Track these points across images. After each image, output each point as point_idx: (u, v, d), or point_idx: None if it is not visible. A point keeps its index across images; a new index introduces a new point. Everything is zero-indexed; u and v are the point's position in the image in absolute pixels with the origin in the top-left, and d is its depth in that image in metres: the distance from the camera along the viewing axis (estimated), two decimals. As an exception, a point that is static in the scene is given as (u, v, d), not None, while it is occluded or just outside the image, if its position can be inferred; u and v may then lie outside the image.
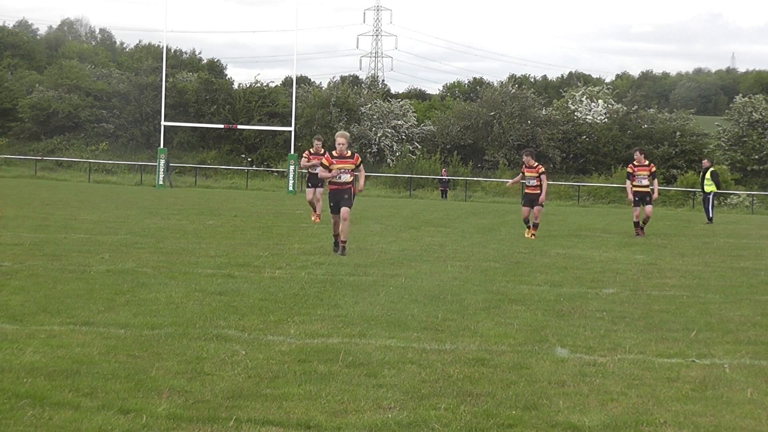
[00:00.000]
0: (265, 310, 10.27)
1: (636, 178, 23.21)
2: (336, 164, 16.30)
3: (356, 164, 16.50)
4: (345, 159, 16.39)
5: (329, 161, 16.35)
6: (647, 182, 23.15)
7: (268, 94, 69.57)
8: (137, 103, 67.78)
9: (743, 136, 65.44)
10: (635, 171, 23.27)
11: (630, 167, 23.48)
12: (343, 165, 16.33)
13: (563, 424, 6.33)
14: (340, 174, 16.27)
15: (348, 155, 16.45)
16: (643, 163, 23.30)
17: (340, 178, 16.29)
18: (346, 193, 16.38)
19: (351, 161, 16.46)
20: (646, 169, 23.24)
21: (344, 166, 16.33)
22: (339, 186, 16.40)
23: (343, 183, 16.36)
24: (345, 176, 16.33)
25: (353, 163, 16.47)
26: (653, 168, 23.45)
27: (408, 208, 36.23)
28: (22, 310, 9.72)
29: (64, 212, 24.72)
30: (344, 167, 16.32)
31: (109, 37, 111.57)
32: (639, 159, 23.35)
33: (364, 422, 6.21)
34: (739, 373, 8.01)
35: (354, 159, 16.51)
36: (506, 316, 10.48)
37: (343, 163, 16.36)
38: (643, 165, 23.26)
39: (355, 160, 16.52)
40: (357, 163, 16.53)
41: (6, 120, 67.71)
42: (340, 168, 16.29)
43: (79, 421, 6.02)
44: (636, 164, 23.35)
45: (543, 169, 21.51)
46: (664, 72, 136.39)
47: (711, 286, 13.85)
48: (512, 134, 65.19)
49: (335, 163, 16.32)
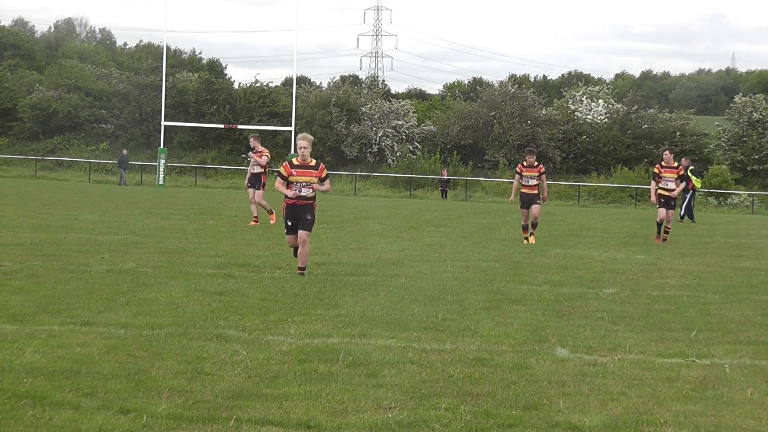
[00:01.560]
0: (265, 310, 10.27)
1: (662, 180, 21.54)
2: (296, 176, 13.23)
3: (321, 177, 13.35)
4: (308, 170, 13.27)
5: (288, 171, 13.26)
6: (673, 185, 21.46)
7: (268, 94, 69.53)
8: (137, 103, 67.75)
9: (743, 136, 65.40)
10: (662, 172, 21.57)
11: (657, 168, 21.80)
12: (305, 178, 13.24)
13: (563, 424, 6.33)
14: (301, 188, 13.24)
15: (312, 164, 13.32)
16: (671, 164, 21.55)
17: (300, 192, 13.26)
18: (308, 212, 13.30)
19: (314, 173, 13.29)
20: (673, 171, 21.51)
21: (307, 180, 13.24)
22: (299, 201, 13.31)
23: (304, 198, 13.32)
24: (306, 190, 13.26)
25: (317, 176, 13.31)
26: (681, 170, 21.76)
27: (408, 208, 36.24)
28: (22, 310, 9.72)
29: (64, 212, 24.73)
30: (307, 181, 13.25)
31: (109, 37, 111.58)
32: (668, 160, 21.56)
33: (364, 422, 6.21)
34: (739, 373, 8.01)
35: (319, 171, 13.32)
36: (506, 316, 10.49)
37: (306, 174, 13.24)
38: (671, 167, 21.53)
39: (320, 171, 13.33)
40: (322, 176, 13.35)
41: (6, 120, 67.67)
42: (301, 182, 13.24)
43: (79, 421, 6.02)
44: (664, 165, 21.61)
45: (544, 169, 20.97)
46: (665, 72, 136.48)
47: (711, 286, 13.85)
48: (512, 134, 65.17)
49: (295, 174, 13.24)
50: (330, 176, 13.84)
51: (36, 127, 66.98)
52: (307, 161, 13.29)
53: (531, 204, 20.50)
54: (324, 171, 13.40)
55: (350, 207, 35.32)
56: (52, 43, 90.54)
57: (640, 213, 42.16)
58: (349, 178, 59.93)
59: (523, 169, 20.74)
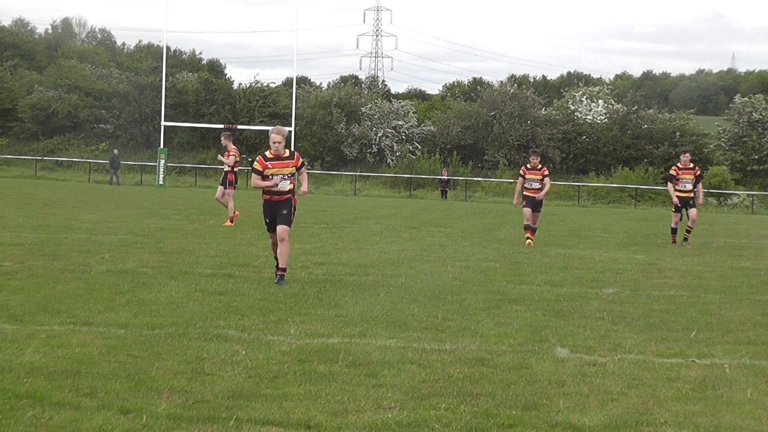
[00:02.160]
0: (265, 310, 10.28)
1: (680, 181, 21.16)
2: (271, 168, 12.78)
3: (297, 166, 12.94)
4: (283, 161, 12.83)
5: (262, 165, 12.80)
6: (691, 186, 21.15)
7: (268, 94, 69.57)
8: (137, 104, 67.77)
9: (743, 136, 65.42)
10: (679, 174, 21.17)
11: (674, 170, 21.34)
12: (281, 169, 12.82)
13: (563, 424, 6.33)
14: (278, 182, 12.80)
15: (286, 155, 12.87)
16: (688, 165, 21.16)
17: (278, 187, 12.81)
18: (285, 207, 12.85)
19: (290, 163, 12.87)
20: (690, 172, 21.14)
21: (283, 171, 12.83)
22: (275, 197, 12.88)
23: (280, 193, 12.84)
24: (284, 184, 12.83)
25: (293, 165, 12.89)
26: (698, 171, 21.39)
27: (408, 208, 36.24)
28: (22, 310, 9.72)
29: (64, 212, 24.73)
30: (283, 172, 12.83)
31: (109, 37, 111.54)
32: (685, 162, 21.11)
33: (364, 422, 6.21)
34: (739, 373, 8.01)
35: (294, 160, 12.91)
36: (506, 316, 10.49)
37: (281, 166, 12.82)
38: (688, 168, 21.14)
39: (295, 161, 12.92)
40: (298, 164, 12.95)
41: (6, 120, 67.69)
42: (277, 174, 12.80)
43: (79, 421, 6.02)
44: (680, 167, 21.18)
45: (548, 172, 20.39)
46: (665, 72, 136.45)
47: (711, 286, 13.85)
48: (512, 134, 65.20)
49: (270, 167, 12.78)
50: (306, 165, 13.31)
51: (36, 127, 66.98)
52: (281, 153, 12.82)
53: (535, 208, 19.99)
54: (300, 159, 12.98)
55: (350, 207, 35.32)
56: (51, 44, 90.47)
57: (640, 213, 42.16)
58: (349, 179, 59.95)
59: (527, 171, 20.12)
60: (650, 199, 55.97)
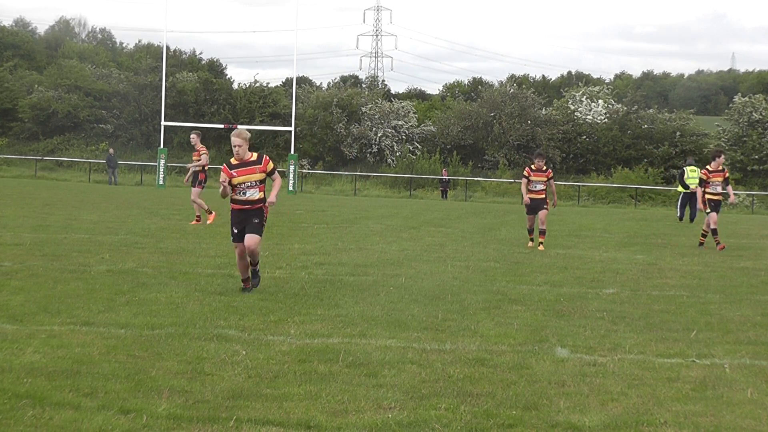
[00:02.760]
0: (266, 310, 10.28)
1: (710, 185, 20.77)
2: (237, 176, 11.56)
3: (266, 172, 11.67)
4: (249, 167, 11.58)
5: (227, 174, 11.59)
6: (720, 189, 20.83)
7: (268, 94, 69.57)
8: (137, 103, 67.77)
9: (743, 136, 65.39)
10: (710, 177, 20.77)
11: (704, 173, 20.86)
12: (248, 176, 11.56)
13: (563, 424, 6.33)
14: (245, 190, 11.58)
15: (252, 159, 11.62)
16: (718, 168, 20.88)
17: (245, 195, 11.61)
18: (255, 216, 11.67)
19: (258, 168, 11.60)
20: (720, 175, 20.87)
21: (251, 178, 11.56)
22: (244, 205, 11.67)
23: (249, 202, 11.66)
24: (252, 192, 11.60)
25: (262, 171, 11.63)
26: (726, 173, 21.13)
27: (408, 208, 36.24)
28: (22, 310, 9.72)
29: (64, 212, 24.73)
30: (251, 179, 11.57)
31: (109, 37, 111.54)
32: (717, 165, 20.88)
33: (364, 422, 6.21)
34: (739, 373, 8.01)
35: (262, 165, 11.62)
36: (506, 316, 10.49)
37: (248, 172, 11.56)
38: (718, 171, 20.83)
39: (263, 165, 11.62)
40: (267, 169, 11.66)
41: (6, 120, 67.68)
42: (244, 182, 11.57)
43: (79, 421, 6.02)
44: (711, 170, 20.79)
45: (552, 174, 19.93)
46: (665, 72, 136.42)
47: (711, 286, 13.85)
48: (512, 134, 65.20)
49: (236, 175, 11.57)
50: (277, 170, 11.92)
51: (36, 127, 66.98)
52: (247, 158, 11.60)
53: (538, 210, 19.57)
54: (269, 164, 11.67)
55: (350, 207, 35.32)
56: (51, 44, 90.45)
57: (640, 213, 42.16)
58: (349, 178, 59.95)
59: (531, 173, 19.66)
60: (650, 199, 55.98)
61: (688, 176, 31.52)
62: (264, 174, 11.66)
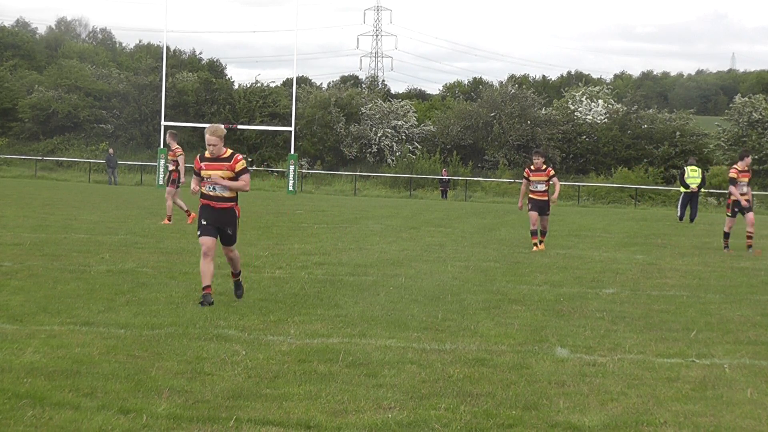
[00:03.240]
0: (265, 310, 10.28)
1: (738, 185, 20.26)
2: (206, 170, 10.97)
3: (234, 171, 10.95)
4: (220, 162, 10.95)
5: (197, 165, 11.08)
6: (746, 189, 20.43)
7: (268, 94, 69.57)
8: (137, 104, 67.76)
9: (743, 136, 65.37)
10: (740, 177, 20.27)
11: (733, 172, 20.33)
12: (216, 172, 10.91)
13: (563, 424, 6.34)
14: (214, 186, 10.94)
15: (224, 156, 10.99)
16: (746, 168, 20.38)
17: (214, 190, 10.98)
18: (228, 222, 11.08)
19: (227, 165, 10.92)
20: (747, 175, 20.42)
21: (219, 174, 10.90)
22: (212, 201, 11.02)
23: (219, 199, 10.99)
24: (221, 189, 10.96)
25: (230, 169, 10.92)
26: (750, 174, 20.64)
27: (408, 208, 36.24)
28: (22, 310, 9.72)
29: (64, 212, 24.72)
30: (219, 175, 10.90)
31: (109, 37, 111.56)
32: (745, 164, 20.37)
33: (364, 422, 6.21)
34: (739, 373, 8.02)
35: (233, 162, 10.93)
36: (506, 316, 10.49)
37: (216, 167, 10.92)
38: (745, 171, 20.35)
39: (233, 163, 10.93)
40: (236, 168, 10.94)
41: (6, 120, 67.67)
42: (212, 176, 10.93)
43: (79, 421, 6.02)
44: (740, 169, 20.27)
45: (553, 172, 19.18)
46: (665, 72, 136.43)
47: (711, 286, 13.85)
48: (512, 134, 65.20)
49: (205, 168, 10.99)
50: (249, 172, 11.14)
51: (36, 127, 66.97)
52: (220, 154, 10.99)
53: (542, 211, 18.88)
54: (240, 163, 10.97)
55: (350, 207, 35.32)
56: (52, 44, 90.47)
57: (640, 213, 42.16)
58: (349, 178, 59.94)
59: (531, 173, 19.00)
60: (650, 199, 55.97)
61: (688, 176, 31.43)
62: (232, 173, 10.91)
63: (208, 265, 10.87)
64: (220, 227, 11.04)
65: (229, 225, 11.09)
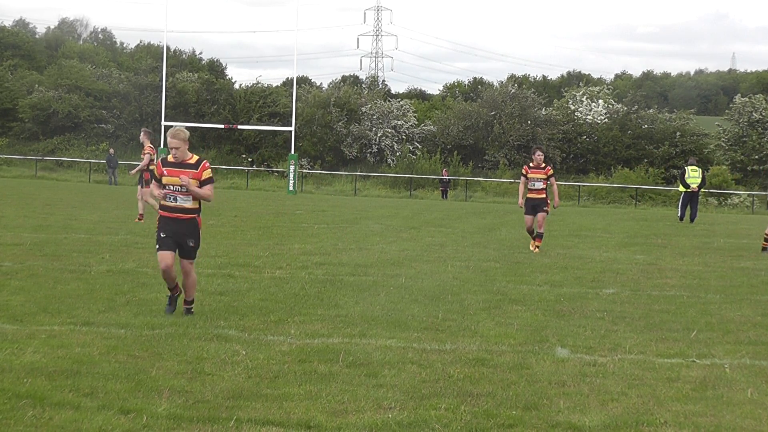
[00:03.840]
0: (266, 310, 10.28)
1: None
2: (168, 175, 9.95)
3: (200, 179, 9.95)
4: (184, 169, 9.94)
5: (158, 170, 10.07)
6: None
7: (268, 94, 69.57)
8: (137, 104, 67.78)
9: (743, 136, 65.39)
10: None
11: None
12: (177, 178, 9.91)
13: (563, 424, 6.33)
14: (175, 194, 9.95)
15: (189, 162, 9.99)
16: None
17: (175, 201, 9.97)
18: (190, 235, 10.14)
19: (192, 173, 9.94)
20: None
21: (180, 181, 9.90)
22: (173, 213, 10.03)
23: (180, 210, 10.01)
24: (183, 198, 9.96)
25: (195, 177, 9.93)
26: None
27: (408, 208, 36.24)
28: (23, 310, 9.73)
29: (64, 212, 24.72)
30: (176, 183, 9.93)
31: (109, 37, 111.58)
32: None
33: (365, 422, 6.21)
34: (739, 373, 8.01)
35: (199, 170, 9.95)
36: (506, 316, 10.49)
37: (178, 173, 9.92)
38: None
39: (199, 172, 9.94)
40: (202, 177, 9.95)
41: (6, 120, 67.68)
42: (172, 185, 9.94)
43: (79, 421, 6.02)
44: None
45: (552, 171, 18.70)
46: (665, 72, 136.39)
47: (711, 286, 13.85)
48: (512, 134, 65.20)
49: (167, 173, 9.96)
50: (213, 182, 10.15)
51: (36, 127, 66.98)
52: (185, 159, 10.00)
53: (537, 211, 18.40)
54: (207, 171, 10.00)
55: (350, 207, 35.32)
56: (52, 44, 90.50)
57: (641, 213, 42.15)
58: (349, 178, 59.95)
59: (529, 171, 18.52)
60: (650, 199, 55.97)
61: (689, 176, 31.39)
62: (197, 181, 9.91)
63: (168, 276, 10.08)
64: (179, 240, 10.04)
65: (191, 237, 10.11)
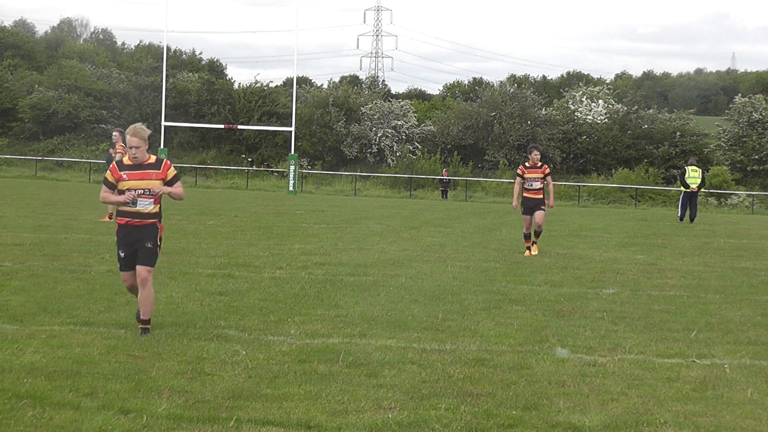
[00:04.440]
0: (266, 310, 10.28)
1: None
2: (127, 179, 9.12)
3: (165, 179, 9.25)
4: (145, 170, 9.18)
5: (115, 175, 9.17)
6: None
7: (268, 94, 69.56)
8: (137, 104, 67.80)
9: (743, 136, 65.40)
10: None
11: None
12: (141, 182, 9.15)
13: (563, 424, 6.33)
14: (136, 199, 9.12)
15: (150, 163, 9.22)
16: None
17: (135, 205, 9.14)
18: (148, 238, 9.23)
19: (155, 174, 9.19)
20: None
21: (141, 185, 9.14)
22: (133, 219, 9.21)
23: (140, 215, 9.20)
24: (144, 203, 9.16)
25: (160, 178, 9.21)
26: None
27: (408, 208, 36.23)
28: (23, 310, 9.73)
29: (64, 212, 24.72)
30: (141, 186, 9.14)
31: (109, 37, 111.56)
32: None
33: (365, 422, 6.21)
34: (739, 373, 8.01)
35: (162, 170, 9.21)
36: (506, 316, 10.49)
37: (140, 177, 9.15)
38: None
39: (163, 171, 9.21)
40: (167, 176, 9.25)
41: (6, 120, 67.69)
42: (135, 189, 9.12)
43: (79, 421, 6.03)
44: None
45: (549, 170, 18.30)
46: (665, 72, 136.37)
47: (711, 286, 13.85)
48: (512, 134, 65.21)
49: (126, 177, 9.13)
50: (180, 179, 9.51)
51: (36, 127, 67.00)
52: (144, 160, 9.20)
53: (534, 210, 17.88)
54: (170, 171, 9.27)
55: (350, 207, 35.32)
56: (52, 44, 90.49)
57: (641, 213, 42.15)
58: (349, 178, 59.95)
59: (525, 170, 18.02)
60: (650, 199, 55.97)
61: (689, 176, 31.37)
62: (161, 182, 9.20)
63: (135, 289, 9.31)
64: (137, 248, 9.17)
65: (149, 238, 9.20)
